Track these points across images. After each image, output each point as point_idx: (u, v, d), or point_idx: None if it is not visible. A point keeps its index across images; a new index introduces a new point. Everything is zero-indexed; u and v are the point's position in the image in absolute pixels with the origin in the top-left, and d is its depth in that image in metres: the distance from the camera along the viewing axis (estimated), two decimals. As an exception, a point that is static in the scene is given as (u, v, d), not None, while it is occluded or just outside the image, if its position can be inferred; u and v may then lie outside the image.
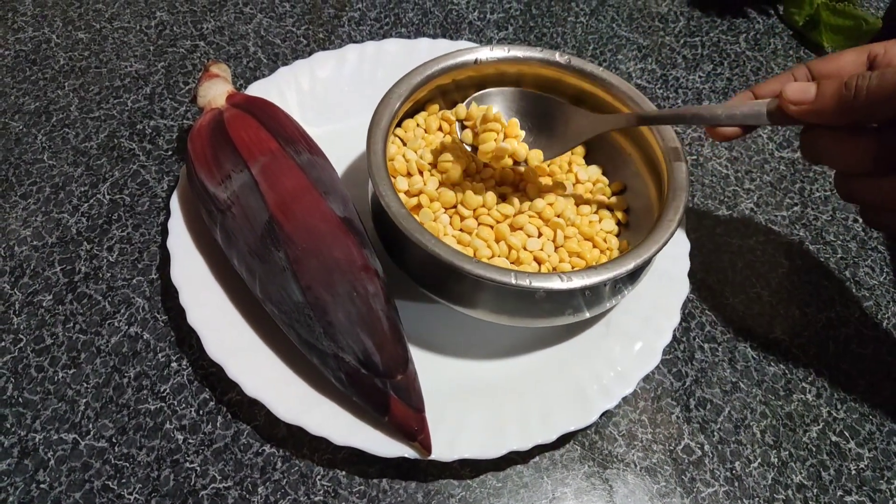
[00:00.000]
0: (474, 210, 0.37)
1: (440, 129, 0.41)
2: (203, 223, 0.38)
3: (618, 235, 0.39)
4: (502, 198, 0.38)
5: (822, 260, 0.44)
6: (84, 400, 0.35)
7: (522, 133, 0.37)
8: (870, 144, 0.31)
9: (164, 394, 0.36)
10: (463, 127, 0.38)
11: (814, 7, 0.56)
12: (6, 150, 0.45)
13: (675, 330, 0.37)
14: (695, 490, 0.35)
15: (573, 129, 0.38)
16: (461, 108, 0.38)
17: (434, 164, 0.39)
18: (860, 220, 0.46)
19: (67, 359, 0.37)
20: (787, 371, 0.39)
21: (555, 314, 0.34)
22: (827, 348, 0.40)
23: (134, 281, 0.40)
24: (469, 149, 0.38)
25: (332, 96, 0.46)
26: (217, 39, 0.53)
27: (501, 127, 0.37)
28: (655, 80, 0.53)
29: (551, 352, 0.37)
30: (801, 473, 0.36)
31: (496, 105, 0.39)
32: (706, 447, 0.36)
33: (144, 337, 0.38)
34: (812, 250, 0.44)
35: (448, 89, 0.41)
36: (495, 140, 0.36)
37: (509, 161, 0.37)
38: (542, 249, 0.36)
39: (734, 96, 0.37)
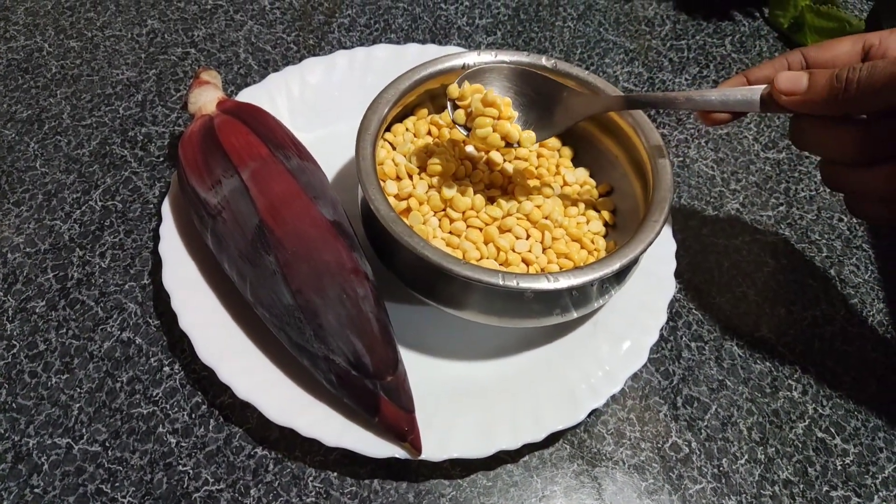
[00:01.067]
0: (463, 213, 0.37)
1: (429, 133, 0.41)
2: (194, 228, 0.38)
3: (605, 236, 0.39)
4: (491, 200, 0.39)
5: (808, 259, 0.45)
6: (77, 405, 0.36)
7: (516, 114, 0.37)
8: (858, 135, 0.31)
9: (157, 398, 0.36)
10: (455, 107, 0.38)
11: (798, 9, 0.57)
12: (-2, 158, 0.45)
13: (661, 329, 0.38)
14: (682, 487, 0.35)
15: (566, 110, 0.38)
16: (454, 88, 0.37)
17: (423, 167, 0.39)
18: (845, 220, 0.47)
19: (60, 364, 0.37)
20: (773, 369, 0.40)
21: (543, 314, 0.35)
22: (812, 346, 0.41)
23: (126, 286, 0.40)
24: (461, 129, 0.38)
25: (322, 102, 0.47)
26: (208, 46, 0.53)
27: (499, 112, 0.37)
28: (642, 83, 0.54)
29: (540, 352, 0.38)
30: (787, 469, 0.36)
31: (490, 83, 0.38)
32: (693, 444, 0.37)
33: (137, 342, 0.38)
34: (797, 249, 0.45)
35: (437, 94, 0.42)
36: (493, 126, 0.36)
37: (501, 142, 0.37)
38: (530, 251, 0.36)
39: (726, 80, 0.37)
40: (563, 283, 0.32)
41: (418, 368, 0.36)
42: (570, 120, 0.38)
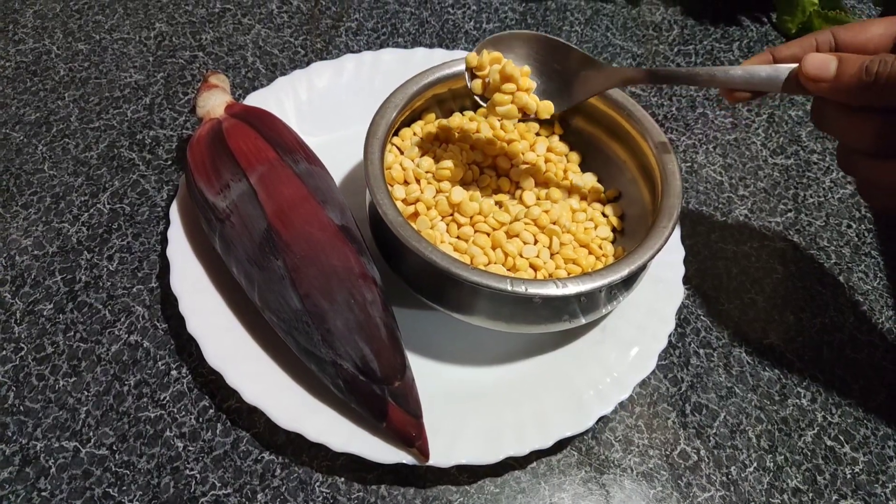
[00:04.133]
0: (471, 217, 0.37)
1: (437, 137, 0.41)
2: (202, 232, 0.38)
3: (613, 242, 0.39)
4: (498, 205, 0.39)
5: (817, 265, 0.44)
6: (85, 408, 0.36)
7: (534, 84, 0.37)
8: (879, 126, 0.31)
9: (164, 401, 0.36)
10: (473, 76, 0.37)
11: (806, 14, 0.56)
12: (7, 161, 0.45)
13: (670, 335, 0.37)
14: (691, 495, 0.35)
15: (587, 81, 0.37)
16: (472, 56, 0.37)
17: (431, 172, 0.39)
18: (854, 226, 0.46)
19: (68, 367, 0.37)
20: (781, 376, 0.39)
21: (551, 320, 0.35)
22: (821, 353, 0.40)
23: (134, 289, 0.40)
24: (478, 99, 0.37)
25: (330, 106, 0.47)
26: (216, 50, 0.53)
27: (517, 87, 0.36)
28: (650, 89, 0.54)
29: (548, 358, 0.38)
30: (796, 478, 0.36)
31: (509, 50, 0.37)
32: (702, 452, 0.36)
33: (144, 345, 0.38)
34: (806, 256, 0.45)
35: (444, 98, 0.42)
36: (511, 99, 0.36)
37: (518, 115, 0.37)
38: (538, 256, 0.36)
39: (752, 57, 0.35)
40: (572, 288, 0.32)
41: (426, 374, 0.36)
42: (589, 91, 0.37)
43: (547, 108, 0.37)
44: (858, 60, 0.30)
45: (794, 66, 0.32)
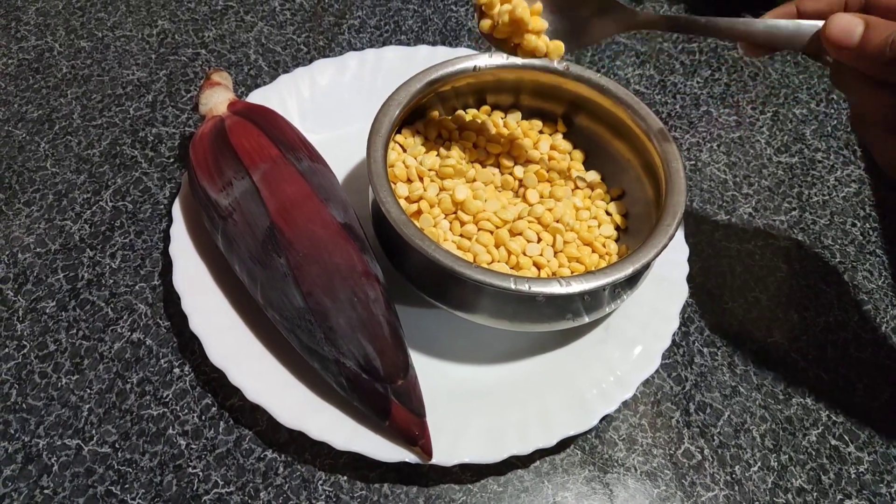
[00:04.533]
0: (474, 215, 0.37)
1: (440, 135, 0.41)
2: (205, 230, 0.38)
3: (617, 240, 0.39)
4: (501, 204, 0.38)
5: (821, 264, 0.44)
6: (87, 406, 0.36)
7: (546, 25, 0.35)
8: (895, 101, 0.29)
9: (167, 399, 0.36)
10: (482, 15, 0.36)
11: (811, 13, 0.56)
12: (10, 158, 0.45)
13: (674, 334, 0.37)
14: (695, 494, 0.35)
15: (602, 22, 0.35)
16: None
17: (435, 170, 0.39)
18: (858, 225, 0.46)
19: (71, 365, 0.37)
20: (786, 375, 0.39)
21: (554, 319, 0.35)
22: (826, 352, 0.40)
23: (136, 287, 0.40)
24: (486, 38, 0.36)
25: (333, 103, 0.47)
26: (218, 47, 0.53)
27: (525, 30, 0.35)
28: (654, 86, 0.54)
29: (551, 356, 0.37)
30: (800, 477, 0.36)
31: None
32: (706, 451, 0.36)
33: (147, 343, 0.38)
34: (810, 254, 0.45)
35: (447, 96, 0.42)
36: (520, 41, 0.35)
37: (528, 57, 0.36)
38: (541, 254, 0.36)
39: (775, 8, 0.33)
40: (576, 287, 0.32)
41: (429, 372, 0.35)
42: (604, 33, 0.35)
43: (557, 49, 0.35)
44: (886, 30, 0.28)
45: (819, 24, 0.30)
